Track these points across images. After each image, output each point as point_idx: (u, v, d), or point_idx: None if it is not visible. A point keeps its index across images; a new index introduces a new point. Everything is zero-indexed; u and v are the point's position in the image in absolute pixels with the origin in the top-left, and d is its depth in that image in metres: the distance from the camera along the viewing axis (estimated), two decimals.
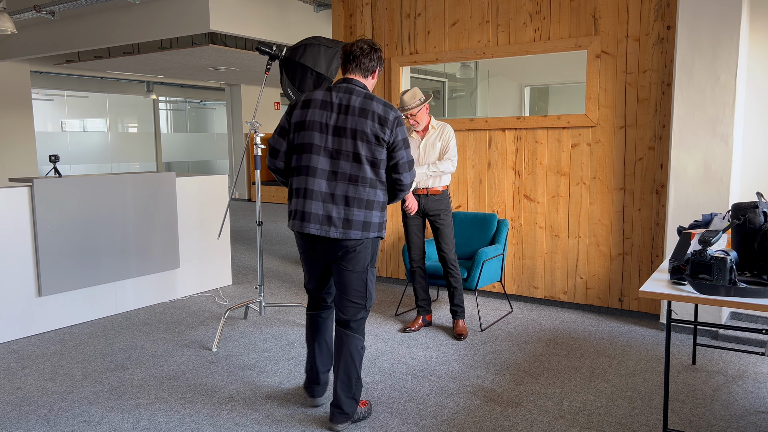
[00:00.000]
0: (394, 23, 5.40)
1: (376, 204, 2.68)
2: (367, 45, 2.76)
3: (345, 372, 2.78)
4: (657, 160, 4.33)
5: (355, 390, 2.81)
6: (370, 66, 2.76)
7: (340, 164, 2.63)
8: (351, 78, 2.74)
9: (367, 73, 2.77)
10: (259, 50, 4.02)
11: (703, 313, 4.07)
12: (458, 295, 4.17)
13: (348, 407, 2.80)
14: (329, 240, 2.69)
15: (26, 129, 10.21)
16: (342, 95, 2.67)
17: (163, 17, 6.59)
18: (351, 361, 2.78)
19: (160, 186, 4.95)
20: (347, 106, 2.64)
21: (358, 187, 2.64)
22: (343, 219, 2.64)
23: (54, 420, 2.95)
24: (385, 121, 2.63)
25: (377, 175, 2.67)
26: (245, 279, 5.96)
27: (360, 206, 2.64)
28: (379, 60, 2.80)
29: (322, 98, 2.68)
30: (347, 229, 2.65)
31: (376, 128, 2.61)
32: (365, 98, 2.66)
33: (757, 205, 2.52)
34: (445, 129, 4.10)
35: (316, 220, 2.66)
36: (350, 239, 2.67)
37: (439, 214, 4.10)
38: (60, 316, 4.40)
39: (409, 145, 2.75)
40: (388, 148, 2.67)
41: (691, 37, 3.92)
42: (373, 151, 2.63)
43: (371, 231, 2.70)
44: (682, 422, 2.88)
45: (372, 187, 2.66)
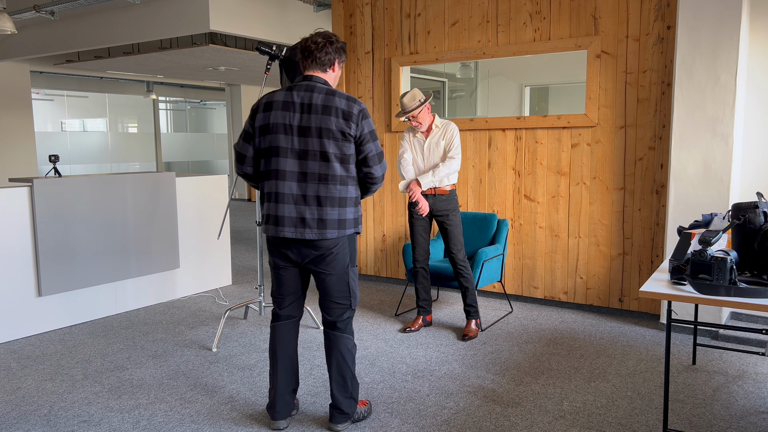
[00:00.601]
0: (394, 23, 5.40)
1: (349, 200, 2.65)
2: (321, 38, 2.67)
3: (338, 373, 2.77)
4: (657, 160, 4.33)
5: (351, 389, 2.79)
6: (327, 59, 2.67)
7: (309, 164, 2.59)
8: (311, 75, 2.67)
9: (325, 67, 2.69)
10: (259, 50, 4.02)
11: (703, 313, 4.07)
12: (470, 294, 4.16)
13: (347, 407, 2.79)
14: (305, 242, 2.65)
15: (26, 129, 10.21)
16: (303, 94, 2.61)
17: (163, 17, 6.59)
18: (343, 360, 2.76)
19: (160, 186, 4.95)
20: (309, 104, 2.59)
21: (329, 186, 2.60)
22: (317, 219, 2.61)
23: (54, 420, 2.95)
24: (349, 116, 2.58)
25: (347, 171, 2.63)
26: (245, 279, 5.96)
27: (333, 204, 2.61)
28: (337, 51, 2.70)
29: (283, 99, 2.62)
30: (322, 229, 2.61)
31: (341, 124, 2.57)
32: (327, 94, 2.60)
33: (757, 205, 2.52)
34: (449, 127, 4.07)
35: (290, 223, 2.62)
36: (326, 239, 2.63)
37: (447, 214, 4.08)
38: (60, 316, 4.40)
39: (377, 138, 2.69)
40: (356, 142, 2.63)
41: (691, 37, 3.92)
42: (340, 147, 2.59)
43: (347, 228, 2.66)
44: (682, 422, 2.88)
45: (343, 184, 2.62)
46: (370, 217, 5.74)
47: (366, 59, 5.60)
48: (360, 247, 5.84)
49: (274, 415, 2.81)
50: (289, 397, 2.83)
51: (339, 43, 2.72)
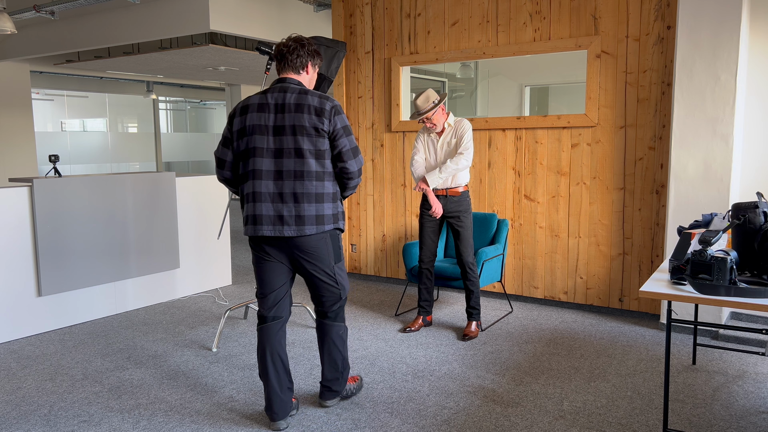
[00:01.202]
0: (394, 23, 5.40)
1: (326, 196, 2.69)
2: (293, 42, 2.77)
3: (330, 357, 2.94)
4: (657, 160, 4.33)
5: (342, 370, 2.97)
6: (300, 62, 2.76)
7: (284, 162, 2.65)
8: (284, 77, 2.76)
9: (298, 69, 2.77)
10: (259, 50, 4.02)
11: (703, 313, 4.07)
12: (474, 297, 4.16)
13: (336, 386, 2.99)
14: (284, 239, 2.69)
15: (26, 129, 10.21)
16: (277, 95, 2.68)
17: (163, 17, 6.59)
18: (335, 347, 2.92)
19: (160, 186, 4.95)
20: (283, 104, 2.66)
21: (305, 182, 2.64)
22: (295, 216, 2.65)
23: (54, 420, 2.95)
24: (321, 112, 2.64)
25: (323, 167, 2.68)
26: (245, 279, 5.96)
27: (309, 200, 2.65)
28: (309, 54, 2.78)
29: (258, 102, 2.69)
30: (300, 225, 2.65)
31: (314, 120, 2.63)
32: (299, 94, 2.67)
33: (757, 205, 2.52)
34: (461, 123, 4.03)
35: (268, 222, 2.66)
36: (305, 235, 2.67)
37: (458, 215, 4.07)
38: (60, 316, 4.40)
39: (351, 132, 2.74)
40: (330, 137, 2.68)
41: (691, 37, 3.92)
42: (314, 143, 2.64)
43: (325, 224, 2.70)
44: (682, 422, 2.88)
45: (319, 180, 2.66)
46: (370, 217, 5.74)
47: (366, 59, 5.60)
48: (360, 247, 5.84)
49: (273, 416, 2.82)
50: (284, 396, 2.83)
51: (312, 47, 2.80)
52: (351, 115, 5.79)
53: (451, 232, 4.15)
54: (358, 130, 5.74)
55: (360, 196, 5.79)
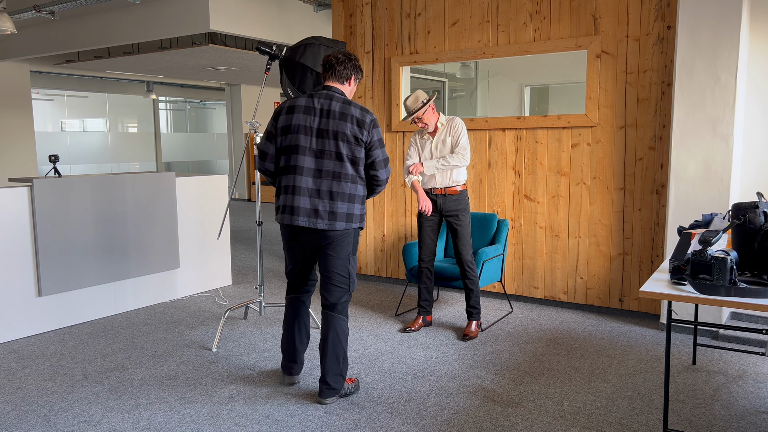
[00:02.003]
0: (394, 23, 5.40)
1: (357, 197, 2.99)
2: (342, 55, 3.06)
3: (333, 350, 3.06)
4: (657, 160, 4.33)
5: (342, 367, 3.08)
6: (345, 74, 3.04)
7: (324, 162, 2.94)
8: (330, 85, 3.04)
9: (342, 80, 3.06)
10: (259, 50, 4.02)
11: (704, 313, 4.07)
12: (474, 296, 4.16)
13: (335, 383, 3.08)
14: (316, 231, 2.99)
15: (26, 129, 10.21)
16: (323, 101, 2.96)
17: (163, 17, 6.59)
18: (338, 339, 3.07)
19: (160, 186, 4.95)
20: (328, 110, 2.94)
21: (341, 183, 2.94)
22: (329, 212, 2.94)
23: (54, 420, 2.95)
24: (362, 124, 2.94)
25: (357, 172, 2.98)
26: (245, 279, 5.96)
27: (343, 200, 2.95)
28: (354, 68, 3.07)
29: (305, 104, 2.97)
30: (333, 220, 2.95)
31: (355, 130, 2.92)
32: (344, 103, 2.96)
33: (757, 205, 2.52)
34: (454, 122, 4.05)
35: (305, 214, 2.95)
36: (335, 230, 2.97)
37: (456, 214, 4.07)
38: (60, 316, 4.40)
39: (384, 145, 3.04)
40: (366, 147, 2.97)
41: (691, 37, 3.92)
42: (352, 150, 2.93)
43: (354, 222, 3.00)
44: (683, 422, 2.88)
45: (353, 183, 2.97)
46: (370, 217, 5.74)
47: (366, 59, 5.60)
48: (360, 247, 5.84)
49: (290, 371, 3.28)
50: (302, 356, 3.29)
51: (357, 62, 3.11)
52: None
53: (449, 232, 4.15)
54: None
55: None
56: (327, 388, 3.07)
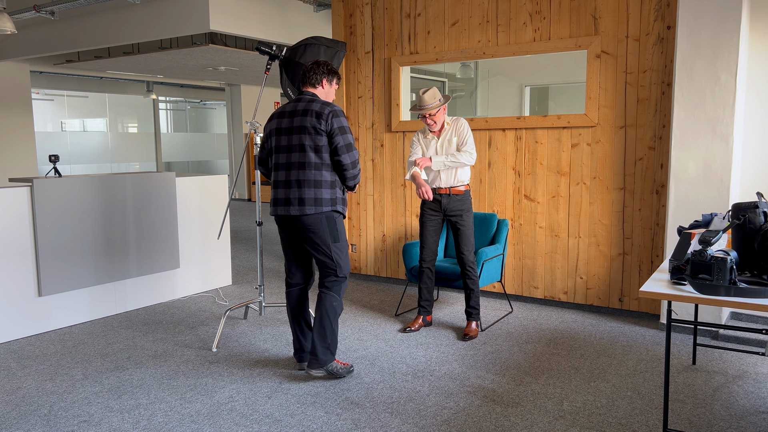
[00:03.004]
0: (394, 23, 5.40)
1: (323, 183, 3.25)
2: (312, 64, 3.40)
3: (320, 323, 3.31)
4: (657, 160, 4.33)
5: (330, 341, 3.32)
6: (315, 78, 3.37)
7: (292, 156, 3.28)
8: (304, 90, 3.40)
9: (314, 84, 3.39)
10: (259, 50, 4.02)
11: (703, 313, 4.07)
12: (474, 297, 4.16)
13: (322, 355, 3.31)
14: (291, 218, 3.29)
15: (26, 129, 10.21)
16: (293, 104, 3.34)
17: (163, 17, 6.59)
18: (326, 314, 3.31)
19: (160, 186, 4.95)
20: (294, 111, 3.30)
21: (306, 171, 3.24)
22: (298, 198, 3.25)
23: (54, 420, 2.95)
24: (320, 115, 3.22)
25: (321, 159, 3.25)
26: (245, 279, 5.96)
27: (309, 186, 3.24)
28: (324, 72, 3.38)
29: (279, 110, 3.37)
30: (302, 206, 3.24)
31: (314, 121, 3.21)
32: (309, 102, 3.29)
33: (757, 205, 2.52)
34: (459, 123, 4.04)
35: (281, 203, 3.31)
36: (306, 214, 3.24)
37: (461, 214, 4.07)
38: (60, 316, 4.40)
39: (347, 132, 3.27)
40: (328, 135, 3.24)
41: (691, 37, 3.92)
42: (314, 139, 3.22)
43: (323, 206, 3.25)
44: (682, 422, 2.88)
45: (317, 169, 3.24)
46: (370, 217, 5.74)
47: (366, 59, 5.60)
48: (360, 247, 5.84)
49: (299, 358, 3.50)
50: (306, 343, 3.49)
51: (327, 67, 3.41)
52: (351, 115, 5.79)
53: (451, 232, 4.15)
54: (358, 130, 5.74)
55: (360, 196, 5.80)
56: (313, 359, 3.31)
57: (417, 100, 4.00)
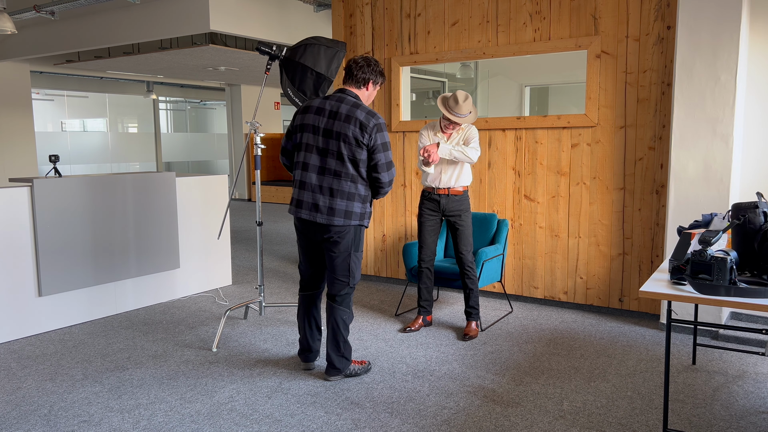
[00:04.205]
0: (394, 23, 5.40)
1: (357, 196, 3.14)
2: (362, 59, 3.21)
3: (333, 336, 3.31)
4: (657, 160, 4.33)
5: (344, 350, 3.33)
6: (362, 78, 3.19)
7: (327, 161, 3.10)
8: (345, 88, 3.19)
9: (360, 85, 3.20)
10: (259, 50, 4.02)
11: (703, 313, 4.07)
12: (474, 296, 4.16)
13: (339, 364, 3.34)
14: (317, 224, 3.17)
15: (26, 129, 10.21)
16: (334, 103, 3.13)
17: (163, 17, 6.59)
18: (338, 328, 3.31)
19: (160, 186, 4.95)
20: (336, 112, 3.09)
21: (341, 181, 3.10)
22: (328, 207, 3.12)
23: (54, 420, 2.95)
24: (365, 127, 3.06)
25: (358, 172, 3.12)
26: (245, 279, 5.96)
27: (342, 197, 3.11)
28: (373, 73, 3.20)
29: (318, 105, 3.16)
30: (331, 216, 3.12)
31: (357, 132, 3.05)
32: (352, 106, 3.10)
33: (757, 205, 2.52)
34: (470, 128, 4.07)
35: (307, 207, 3.16)
36: (333, 225, 3.13)
37: (459, 214, 4.08)
38: (60, 316, 4.40)
39: (389, 149, 3.14)
40: (368, 150, 3.10)
41: (691, 37, 3.92)
42: (353, 151, 3.07)
43: (352, 219, 3.15)
44: (682, 422, 2.88)
45: (353, 182, 3.11)
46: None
47: None
48: None
49: (305, 358, 3.50)
50: (314, 345, 3.48)
51: (377, 67, 3.23)
52: None
53: (450, 232, 4.15)
54: None
55: None
56: (332, 368, 3.34)
57: (452, 101, 3.92)
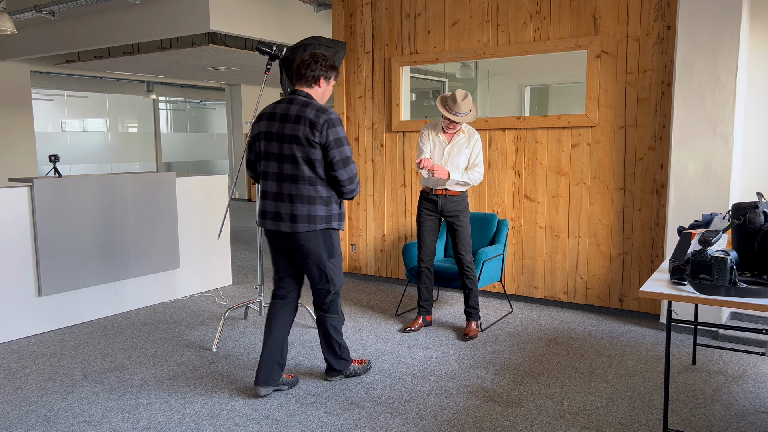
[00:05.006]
0: (394, 23, 5.40)
1: (318, 199, 2.98)
2: (309, 57, 3.03)
3: (327, 343, 3.28)
4: (657, 160, 4.33)
5: (340, 353, 3.31)
6: (311, 76, 3.02)
7: (284, 166, 2.97)
8: (297, 89, 3.06)
9: (310, 83, 3.04)
10: (259, 50, 4.02)
11: (703, 313, 4.07)
12: (473, 297, 4.16)
13: (338, 366, 3.33)
14: (282, 234, 3.03)
15: (26, 129, 10.21)
16: (284, 106, 3.00)
17: (163, 17, 6.59)
18: (329, 335, 3.26)
19: (160, 186, 4.95)
20: (286, 115, 2.97)
21: (299, 185, 2.96)
22: (290, 214, 2.98)
23: (54, 420, 2.95)
24: (314, 125, 2.90)
25: (315, 173, 2.96)
26: (245, 279, 5.96)
27: (302, 202, 2.96)
28: (323, 69, 3.03)
29: (270, 111, 3.04)
30: (294, 222, 2.98)
31: (307, 132, 2.90)
32: (302, 106, 2.96)
33: (757, 205, 2.52)
34: (475, 136, 4.05)
35: (270, 217, 3.04)
36: (298, 232, 2.99)
37: (457, 215, 4.07)
38: (60, 316, 4.40)
39: (345, 144, 2.97)
40: (322, 148, 2.94)
41: (691, 37, 3.92)
42: (307, 152, 2.93)
43: (317, 223, 2.99)
44: (682, 422, 2.88)
45: (311, 185, 2.96)
46: (370, 217, 5.74)
47: (366, 59, 5.60)
48: (360, 247, 5.84)
49: (256, 380, 3.15)
50: (271, 367, 3.16)
51: (327, 62, 3.05)
52: (351, 115, 5.79)
53: (449, 232, 4.15)
54: (358, 130, 5.74)
55: (360, 196, 5.79)
56: (331, 369, 3.35)
57: (451, 100, 3.90)
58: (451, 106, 3.91)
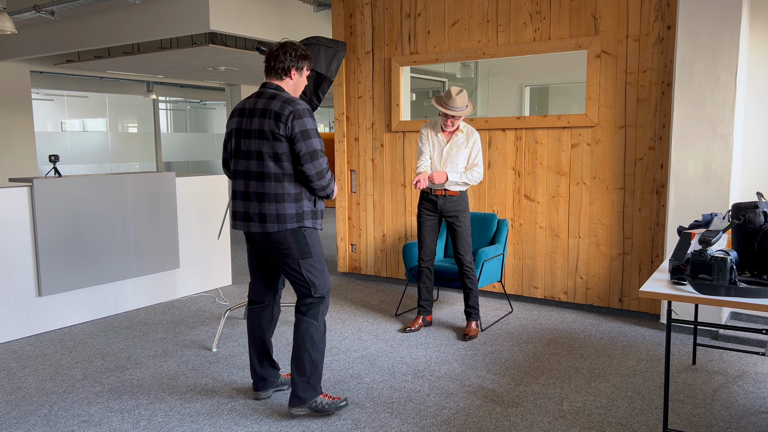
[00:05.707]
0: (394, 23, 5.40)
1: (286, 196, 2.79)
2: (278, 48, 2.85)
3: (296, 353, 2.88)
4: (657, 160, 4.33)
5: (309, 374, 2.87)
6: (281, 68, 2.84)
7: (250, 164, 2.82)
8: (266, 82, 2.89)
9: (281, 75, 2.86)
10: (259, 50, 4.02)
11: (703, 313, 4.07)
12: (473, 296, 4.16)
13: (301, 392, 2.88)
14: (254, 234, 2.88)
15: (26, 129, 10.20)
16: (252, 100, 2.85)
17: (163, 17, 6.59)
18: (302, 343, 2.87)
19: (160, 186, 4.95)
20: (253, 109, 2.81)
21: (265, 183, 2.78)
22: (259, 214, 2.81)
23: (54, 420, 2.95)
24: (279, 117, 2.73)
25: (282, 169, 2.77)
26: (245, 279, 5.96)
27: (270, 200, 2.79)
28: (293, 59, 2.85)
29: (240, 107, 2.88)
30: (263, 222, 2.80)
31: (271, 125, 2.74)
32: (269, 99, 2.79)
33: (757, 205, 2.52)
34: (474, 135, 4.06)
35: (240, 218, 2.88)
36: (267, 232, 2.81)
37: (457, 215, 4.07)
38: (60, 316, 4.40)
39: (313, 136, 2.76)
40: (288, 141, 2.76)
41: (692, 37, 3.92)
42: (272, 146, 2.75)
43: (288, 222, 2.80)
44: (682, 422, 2.88)
45: (278, 181, 2.78)
46: (370, 217, 5.74)
47: (366, 59, 5.60)
48: (360, 247, 5.84)
49: (254, 387, 3.14)
50: (263, 372, 3.11)
51: (297, 51, 2.86)
52: (351, 115, 5.78)
53: (449, 232, 4.15)
54: (358, 130, 5.74)
55: (360, 196, 5.79)
56: (293, 396, 2.90)
57: (446, 97, 3.91)
58: (446, 102, 3.91)
